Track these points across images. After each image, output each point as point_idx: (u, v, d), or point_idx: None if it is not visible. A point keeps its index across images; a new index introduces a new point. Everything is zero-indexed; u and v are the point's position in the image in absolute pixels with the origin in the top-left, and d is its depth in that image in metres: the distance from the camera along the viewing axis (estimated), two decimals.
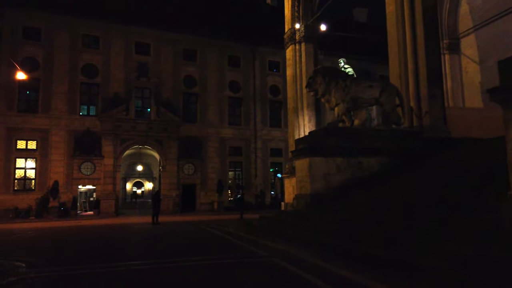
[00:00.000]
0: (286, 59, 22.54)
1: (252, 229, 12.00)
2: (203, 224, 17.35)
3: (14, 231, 15.72)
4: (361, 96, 11.80)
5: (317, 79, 11.73)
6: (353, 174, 11.26)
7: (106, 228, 17.59)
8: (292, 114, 21.83)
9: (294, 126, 21.57)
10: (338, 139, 11.32)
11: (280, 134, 33.65)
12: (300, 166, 11.84)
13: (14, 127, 26.19)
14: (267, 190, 32.82)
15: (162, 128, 29.55)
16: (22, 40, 26.72)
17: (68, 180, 27.21)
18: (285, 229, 10.04)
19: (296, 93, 21.59)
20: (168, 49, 30.49)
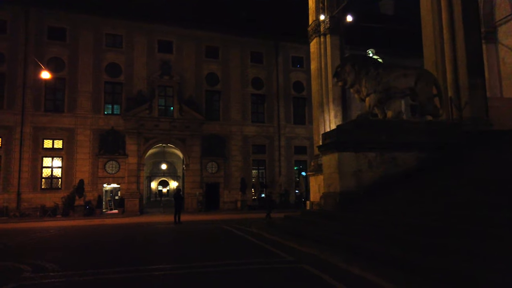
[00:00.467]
0: (310, 52, 21.48)
1: (277, 229, 11.10)
2: (226, 224, 16.59)
3: (36, 230, 15.41)
4: (394, 86, 10.69)
5: (346, 68, 10.69)
6: (386, 171, 10.18)
7: (128, 227, 17.09)
8: (317, 109, 20.76)
9: (319, 121, 20.49)
10: (369, 132, 10.26)
11: (304, 131, 32.56)
12: (328, 162, 10.85)
13: (41, 126, 26.26)
14: (291, 189, 31.82)
15: (185, 126, 29.05)
16: (47, 40, 26.76)
17: (93, 179, 27.08)
18: (313, 230, 9.10)
19: (321, 88, 20.50)
20: (191, 46, 29.95)
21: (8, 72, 25.79)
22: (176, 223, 18.08)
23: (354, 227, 7.97)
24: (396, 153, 10.29)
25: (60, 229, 15.89)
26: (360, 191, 9.89)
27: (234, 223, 16.54)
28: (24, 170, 25.69)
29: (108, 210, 30.16)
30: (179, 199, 19.30)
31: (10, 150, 25.48)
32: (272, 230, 11.09)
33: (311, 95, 33.07)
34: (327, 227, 8.85)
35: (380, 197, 9.38)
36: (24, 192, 25.62)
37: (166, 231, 14.48)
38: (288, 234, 9.93)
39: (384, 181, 9.99)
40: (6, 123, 25.49)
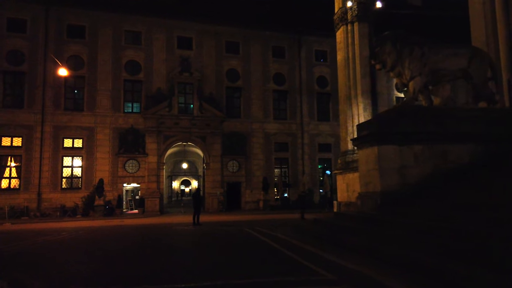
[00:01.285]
0: (337, 42, 19.79)
1: (307, 235, 9.53)
2: (248, 226, 15.12)
3: (48, 232, 14.37)
4: (443, 67, 8.95)
5: (385, 47, 9.02)
6: (435, 166, 8.46)
7: (145, 229, 15.86)
8: (344, 103, 19.04)
9: (346, 116, 18.77)
10: (415, 121, 8.56)
11: (329, 128, 30.78)
12: (365, 157, 9.20)
13: (61, 125, 25.53)
14: (316, 188, 30.08)
15: (205, 124, 27.80)
16: (67, 38, 26.01)
17: (113, 178, 26.17)
18: (351, 238, 7.50)
19: (349, 79, 18.77)
20: (210, 42, 28.67)
21: (28, 71, 25.17)
22: (194, 224, 16.77)
23: (404, 236, 6.33)
24: (447, 146, 8.57)
25: (74, 230, 14.81)
26: (405, 191, 8.22)
27: (257, 225, 15.06)
28: (45, 170, 25.01)
29: (128, 210, 29.27)
30: (198, 199, 17.96)
31: (30, 149, 24.84)
32: (301, 236, 9.52)
33: (335, 91, 31.28)
34: (370, 235, 7.23)
35: (430, 198, 7.69)
36: (45, 192, 24.94)
37: (184, 234, 13.13)
38: (321, 241, 8.36)
39: (433, 179, 8.28)
40: (26, 123, 24.86)
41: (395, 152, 8.38)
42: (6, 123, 24.46)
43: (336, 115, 30.86)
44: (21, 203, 24.26)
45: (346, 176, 18.28)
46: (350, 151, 18.52)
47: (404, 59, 8.82)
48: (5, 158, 24.64)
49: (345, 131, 18.82)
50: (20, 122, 24.76)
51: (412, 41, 9.00)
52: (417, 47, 8.85)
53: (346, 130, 18.70)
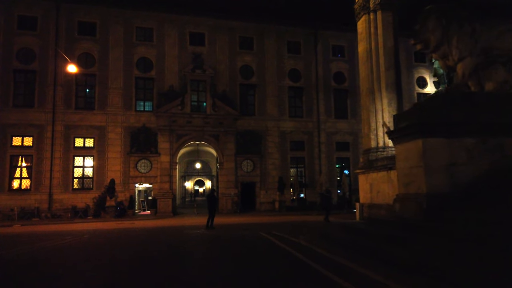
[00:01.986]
0: (358, 33, 18.25)
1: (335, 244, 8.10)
2: (264, 229, 13.77)
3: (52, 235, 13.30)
4: (498, 46, 7.47)
5: (428, 24, 7.58)
6: (492, 163, 6.98)
7: (155, 233, 14.68)
8: (366, 97, 17.50)
9: (369, 112, 17.22)
10: (466, 110, 7.10)
11: (347, 126, 29.21)
12: (404, 152, 7.75)
13: (72, 124, 24.62)
14: (333, 188, 28.49)
15: (218, 122, 26.57)
16: (77, 36, 25.12)
17: (125, 179, 25.16)
18: (397, 250, 6.09)
19: (371, 72, 17.22)
20: (223, 38, 27.44)
21: (39, 70, 24.34)
22: (208, 227, 15.49)
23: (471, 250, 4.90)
24: (504, 139, 7.08)
25: (80, 234, 13.71)
26: (456, 193, 6.76)
27: (274, 229, 13.71)
28: (56, 170, 24.14)
29: (141, 211, 28.27)
30: (212, 201, 16.58)
31: (41, 149, 24.00)
32: (329, 245, 8.10)
33: (353, 87, 29.74)
34: (421, 247, 5.80)
35: (489, 201, 6.23)
36: (56, 192, 24.06)
37: (196, 240, 11.85)
38: (355, 252, 6.96)
39: (490, 179, 6.80)
40: (37, 122, 24.03)
41: (443, 146, 6.93)
42: (17, 122, 23.67)
43: (354, 113, 29.35)
44: (32, 204, 23.43)
45: (370, 176, 16.75)
46: (373, 149, 16.98)
47: (452, 36, 7.37)
48: (16, 158, 23.86)
49: (367, 128, 17.28)
50: (31, 121, 23.94)
51: (461, 15, 7.54)
52: (466, 22, 7.40)
53: (368, 126, 17.16)
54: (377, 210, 16.00)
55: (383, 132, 16.60)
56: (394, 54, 16.98)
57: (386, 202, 15.42)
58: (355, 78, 29.43)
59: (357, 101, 29.28)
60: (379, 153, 16.71)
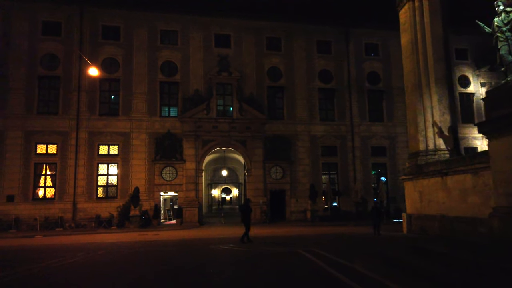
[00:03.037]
0: (400, 24, 16.26)
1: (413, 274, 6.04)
2: (302, 244, 11.88)
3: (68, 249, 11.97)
4: None
5: None
6: None
7: (179, 246, 13.11)
8: (412, 94, 15.41)
9: (416, 110, 15.11)
10: None
11: (382, 129, 26.93)
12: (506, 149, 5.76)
13: (96, 131, 23.68)
14: (369, 197, 26.21)
15: (245, 127, 24.97)
16: (101, 40, 24.30)
17: (150, 187, 23.90)
18: None
19: (418, 66, 15.15)
20: (250, 39, 25.94)
21: (63, 76, 23.61)
22: (243, 241, 13.66)
23: None
24: None
25: (96, 249, 12.32)
26: None
27: (313, 244, 11.80)
28: (80, 178, 23.19)
29: (166, 220, 26.95)
30: (247, 213, 14.54)
31: (65, 157, 23.13)
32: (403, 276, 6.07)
33: (389, 87, 27.45)
34: None
35: None
36: (80, 201, 23.07)
37: (223, 259, 10.13)
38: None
39: None
40: (61, 129, 23.22)
41: None
42: (41, 129, 22.94)
43: (391, 115, 27.07)
44: (56, 214, 22.51)
45: (419, 183, 14.59)
46: (422, 152, 14.83)
47: None
48: (40, 166, 23.08)
49: (414, 128, 15.17)
50: (55, 129, 23.16)
51: None
52: None
53: (415, 127, 15.04)
54: (429, 223, 13.83)
55: (433, 133, 14.46)
56: (443, 44, 14.87)
57: (440, 213, 13.25)
58: (390, 78, 27.24)
59: (394, 103, 27.07)
60: (430, 157, 14.56)
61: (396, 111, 27.13)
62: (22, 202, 22.21)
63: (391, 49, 27.27)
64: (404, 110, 27.19)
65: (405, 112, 27.19)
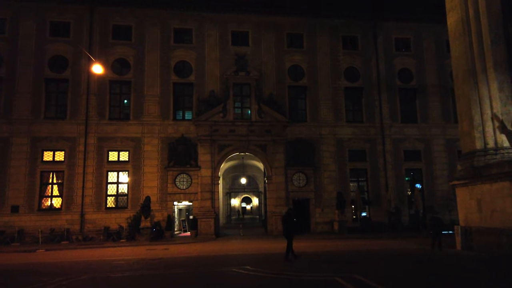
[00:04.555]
0: (446, 1, 13.64)
1: None
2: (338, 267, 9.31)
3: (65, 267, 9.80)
4: None
5: None
6: None
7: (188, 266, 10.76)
8: (464, 82, 12.69)
9: (470, 101, 12.36)
10: None
11: (416, 131, 24.01)
12: None
13: (106, 136, 21.83)
14: (403, 206, 23.22)
15: (265, 130, 22.61)
16: (112, 40, 22.60)
17: (162, 196, 21.77)
18: None
19: (471, 49, 12.46)
20: (269, 36, 23.73)
21: (71, 78, 21.97)
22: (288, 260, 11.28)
23: None
24: None
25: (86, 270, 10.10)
26: None
27: (354, 267, 9.21)
28: (88, 187, 21.31)
29: (182, 232, 24.72)
30: (291, 224, 12.03)
31: (73, 164, 21.32)
32: None
33: (422, 85, 24.35)
34: None
35: None
36: (88, 212, 21.14)
37: None
38: None
39: None
40: (69, 134, 21.48)
41: None
42: (48, 135, 21.27)
43: (425, 115, 24.19)
44: (63, 225, 20.63)
45: (477, 189, 11.78)
46: (479, 151, 12.04)
47: None
48: (47, 175, 21.37)
49: (468, 123, 12.40)
50: (63, 134, 21.44)
51: None
52: None
53: (470, 121, 12.28)
54: (493, 238, 10.96)
55: (493, 128, 11.66)
56: (502, 21, 12.15)
57: (508, 226, 10.40)
58: (424, 75, 24.42)
59: (428, 102, 24.20)
60: (490, 157, 11.74)
61: (431, 111, 24.19)
62: (27, 213, 20.45)
63: (424, 43, 24.50)
64: (440, 110, 24.38)
65: (442, 112, 24.50)
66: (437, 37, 24.57)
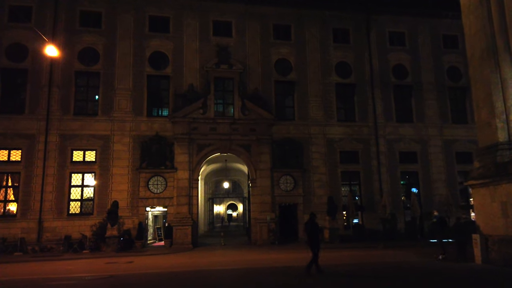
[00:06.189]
0: None
1: None
2: None
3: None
4: None
5: None
6: None
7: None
8: (481, 63, 10.50)
9: (490, 85, 10.16)
10: None
11: (412, 131, 21.91)
12: None
13: (70, 134, 19.05)
14: (399, 212, 20.95)
15: (249, 128, 20.19)
16: (79, 27, 19.96)
17: (133, 201, 19.03)
18: None
19: (490, 23, 10.31)
20: (254, 27, 21.43)
21: (31, 69, 19.18)
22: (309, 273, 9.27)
23: None
24: None
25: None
26: None
27: None
28: (48, 191, 18.43)
29: (157, 241, 21.92)
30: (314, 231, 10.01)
31: (31, 165, 18.43)
32: None
33: (418, 83, 22.10)
34: None
35: None
36: (47, 219, 18.24)
37: None
38: None
39: None
40: (27, 131, 18.63)
41: None
42: (2, 131, 18.38)
43: (421, 114, 22.11)
44: (17, 234, 17.64)
45: (501, 190, 9.50)
46: (503, 144, 9.80)
47: None
48: (0, 177, 18.43)
49: (487, 111, 10.18)
50: (20, 131, 18.57)
51: None
52: None
53: (490, 108, 10.06)
54: None
55: None
56: None
57: None
58: (420, 72, 22.43)
59: (424, 100, 22.20)
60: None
61: (428, 110, 22.16)
62: None
63: (419, 38, 22.56)
64: (437, 108, 22.27)
65: (439, 111, 22.35)
66: (433, 32, 22.70)
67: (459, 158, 21.83)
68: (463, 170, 22.01)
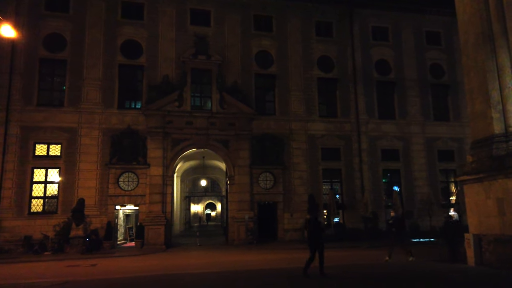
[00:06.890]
0: None
1: None
2: None
3: None
4: None
5: None
6: None
7: None
8: (477, 49, 9.67)
9: (485, 72, 9.33)
10: None
11: (395, 128, 21.24)
12: None
13: (33, 126, 17.31)
14: (380, 210, 20.19)
15: (227, 123, 18.98)
16: (45, 12, 18.24)
17: (102, 198, 17.47)
18: None
19: (486, 6, 9.48)
20: (234, 16, 20.22)
21: None
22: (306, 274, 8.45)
23: None
24: None
25: None
26: None
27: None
28: (7, 187, 16.65)
29: (128, 242, 20.39)
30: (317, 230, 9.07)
31: None
32: None
33: (401, 79, 21.40)
34: None
35: None
36: (6, 218, 16.47)
37: None
38: None
39: None
40: None
41: None
42: None
43: (404, 112, 21.46)
44: None
45: (497, 185, 8.67)
46: (499, 136, 8.99)
47: None
48: None
49: (482, 101, 9.35)
50: None
51: None
52: None
53: (485, 98, 9.24)
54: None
55: None
56: None
57: None
58: (402, 68, 21.81)
59: (406, 97, 21.55)
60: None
61: (410, 107, 21.54)
62: None
63: (403, 34, 21.93)
64: (419, 106, 21.62)
65: (421, 109, 21.68)
66: (416, 28, 22.13)
67: (441, 156, 21.34)
68: (445, 168, 21.61)
